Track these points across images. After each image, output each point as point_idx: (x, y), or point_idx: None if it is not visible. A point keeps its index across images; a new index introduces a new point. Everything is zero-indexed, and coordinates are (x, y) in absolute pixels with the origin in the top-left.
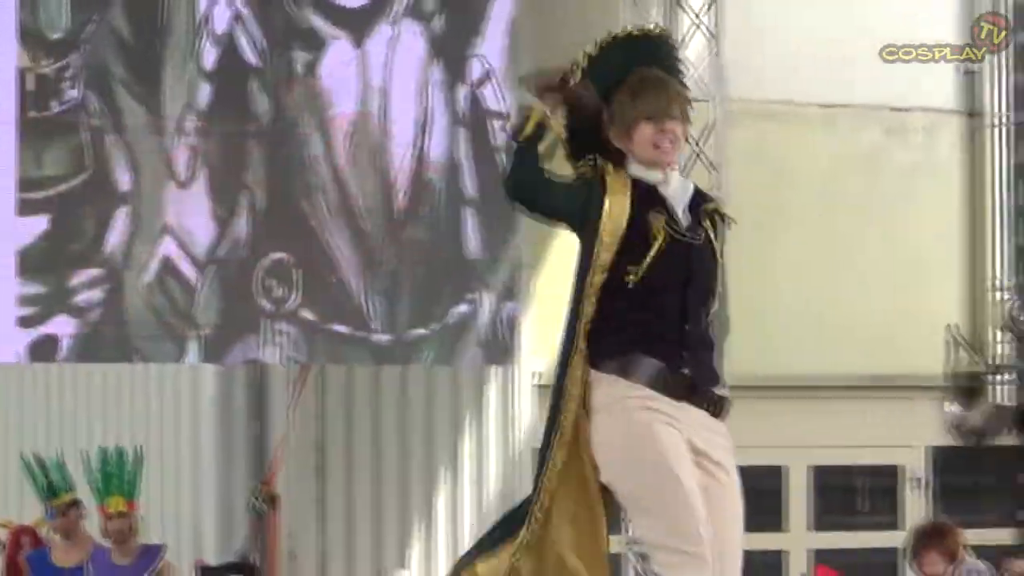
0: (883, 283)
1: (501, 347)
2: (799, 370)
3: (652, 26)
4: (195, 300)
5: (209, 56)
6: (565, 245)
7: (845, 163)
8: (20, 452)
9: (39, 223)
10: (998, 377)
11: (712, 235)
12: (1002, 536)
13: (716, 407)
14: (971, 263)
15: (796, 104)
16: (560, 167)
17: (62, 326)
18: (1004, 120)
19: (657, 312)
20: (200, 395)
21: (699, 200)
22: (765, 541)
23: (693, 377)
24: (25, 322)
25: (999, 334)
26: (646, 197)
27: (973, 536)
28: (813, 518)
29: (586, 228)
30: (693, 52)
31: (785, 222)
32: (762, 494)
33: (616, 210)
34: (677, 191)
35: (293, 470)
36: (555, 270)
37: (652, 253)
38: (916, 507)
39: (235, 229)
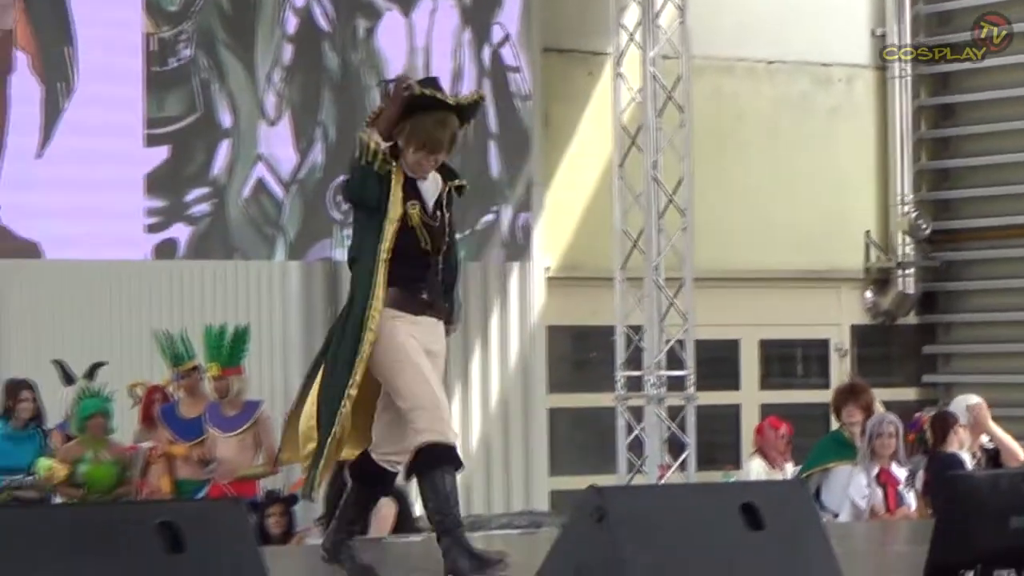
0: (814, 199)
1: (519, 247)
2: (751, 266)
3: (471, 94)
4: (281, 212)
5: (290, 24)
6: (567, 168)
7: (783, 106)
8: (151, 330)
9: (161, 153)
10: (903, 271)
11: (448, 214)
12: (908, 394)
13: (448, 315)
14: (882, 183)
15: (746, 60)
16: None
17: (180, 232)
18: (906, 73)
19: (411, 265)
20: (287, 286)
21: (447, 179)
22: (725, 397)
23: (430, 299)
24: (151, 229)
25: (904, 238)
26: (410, 190)
27: (886, 394)
28: (761, 380)
29: (379, 211)
30: (665, 19)
31: (738, 152)
32: (722, 361)
33: (395, 200)
34: (429, 188)
35: None
36: (559, 188)
37: (415, 229)
38: (841, 372)
39: (312, 157)
